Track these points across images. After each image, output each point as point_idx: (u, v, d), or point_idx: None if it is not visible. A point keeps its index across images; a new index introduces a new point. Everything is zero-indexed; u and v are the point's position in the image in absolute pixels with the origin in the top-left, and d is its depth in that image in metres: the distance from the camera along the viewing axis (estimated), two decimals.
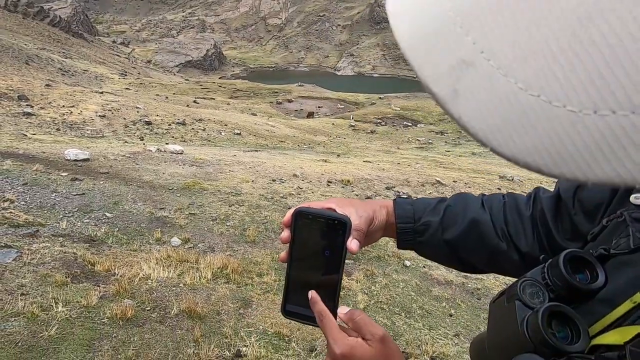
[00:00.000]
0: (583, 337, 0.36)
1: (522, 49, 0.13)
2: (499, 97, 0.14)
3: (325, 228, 0.51)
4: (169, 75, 53.46)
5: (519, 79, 0.14)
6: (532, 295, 0.40)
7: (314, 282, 0.52)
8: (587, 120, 0.12)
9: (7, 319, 2.46)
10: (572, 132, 0.13)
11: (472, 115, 0.15)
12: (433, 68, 0.16)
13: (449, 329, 3.45)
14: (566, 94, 0.13)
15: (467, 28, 0.15)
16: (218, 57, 73.27)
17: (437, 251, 0.65)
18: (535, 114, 0.13)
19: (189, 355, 2.48)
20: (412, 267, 4.45)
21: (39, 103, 14.16)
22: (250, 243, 4.49)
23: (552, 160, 0.13)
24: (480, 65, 0.14)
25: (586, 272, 0.40)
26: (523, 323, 0.38)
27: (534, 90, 0.13)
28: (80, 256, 3.46)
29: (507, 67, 0.14)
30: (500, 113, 0.14)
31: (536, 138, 0.13)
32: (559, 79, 0.13)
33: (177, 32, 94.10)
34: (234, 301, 3.24)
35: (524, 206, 0.63)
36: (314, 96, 34.50)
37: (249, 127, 16.56)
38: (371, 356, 0.47)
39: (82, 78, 29.07)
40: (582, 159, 0.13)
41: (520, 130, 0.14)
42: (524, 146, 0.14)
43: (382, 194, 7.36)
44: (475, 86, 0.15)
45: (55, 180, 5.34)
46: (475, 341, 0.52)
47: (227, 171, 7.33)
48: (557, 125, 0.13)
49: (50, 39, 42.00)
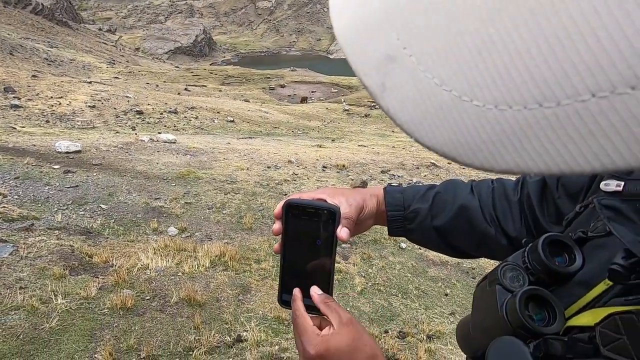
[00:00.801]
0: (559, 319, 0.37)
1: (436, 46, 0.14)
2: (420, 91, 0.15)
3: (315, 218, 0.52)
4: (159, 62, 52.41)
5: (435, 75, 0.15)
6: (512, 279, 0.41)
7: (308, 271, 0.53)
8: (489, 114, 0.14)
9: (7, 312, 2.48)
10: (478, 125, 0.14)
11: (398, 108, 0.16)
12: (364, 62, 0.17)
13: (444, 308, 3.54)
14: (472, 90, 0.14)
15: (393, 25, 0.16)
16: (208, 43, 71.78)
17: (427, 237, 0.66)
18: (449, 108, 0.14)
19: (190, 341, 2.53)
20: (408, 249, 4.51)
21: (26, 95, 13.86)
22: (247, 230, 4.51)
23: (464, 151, 0.14)
24: (403, 61, 0.15)
25: (565, 255, 0.41)
26: (502, 307, 0.39)
27: (447, 86, 0.14)
28: (77, 248, 3.47)
29: (425, 63, 0.15)
30: (421, 107, 0.15)
31: (450, 130, 0.15)
32: (466, 75, 0.14)
33: (165, 18, 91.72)
34: (233, 288, 3.28)
35: (511, 191, 0.63)
36: (307, 81, 34.09)
37: (242, 114, 16.39)
38: (344, 343, 0.48)
39: (69, 68, 28.42)
40: (488, 150, 0.14)
41: (438, 122, 0.15)
42: (442, 137, 0.15)
43: (378, 177, 7.39)
44: (400, 81, 0.16)
45: (47, 173, 5.29)
46: (460, 324, 0.53)
47: (222, 159, 7.30)
48: (466, 119, 0.14)
49: (34, 28, 40.79)
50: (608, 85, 0.11)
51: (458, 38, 0.14)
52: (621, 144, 0.12)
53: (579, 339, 0.34)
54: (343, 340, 0.48)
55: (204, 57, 67.56)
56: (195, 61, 62.07)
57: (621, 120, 0.12)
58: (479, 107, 0.14)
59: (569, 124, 0.12)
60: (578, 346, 0.34)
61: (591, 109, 0.12)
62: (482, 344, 0.45)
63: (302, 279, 0.53)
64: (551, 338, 0.35)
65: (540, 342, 0.36)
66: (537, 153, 0.13)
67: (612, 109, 0.12)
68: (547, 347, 0.35)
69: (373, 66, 0.16)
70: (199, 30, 71.01)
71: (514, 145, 0.13)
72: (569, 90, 0.12)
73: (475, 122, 0.14)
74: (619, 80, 0.11)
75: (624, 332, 0.30)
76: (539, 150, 0.13)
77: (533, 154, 0.13)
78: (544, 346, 0.36)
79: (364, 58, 0.16)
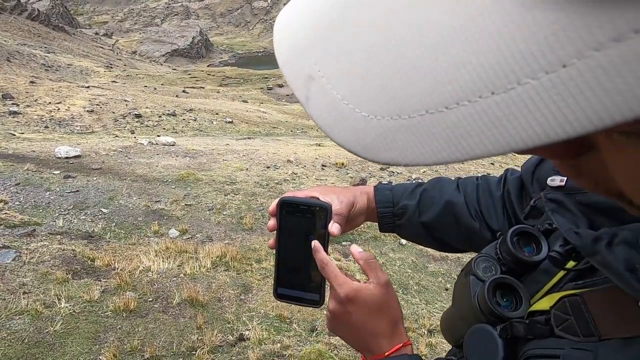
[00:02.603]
0: (524, 304, 0.40)
1: (339, 71, 0.20)
2: (330, 103, 0.20)
3: (308, 214, 0.55)
4: (156, 65, 52.38)
5: (339, 92, 0.20)
6: (485, 269, 0.44)
7: (302, 266, 0.55)
8: (372, 122, 0.19)
9: (11, 317, 2.51)
10: (367, 129, 0.19)
11: (318, 115, 0.21)
12: (295, 79, 0.22)
13: (445, 303, 3.57)
14: (361, 104, 0.19)
15: (312, 53, 0.21)
16: (205, 45, 71.69)
17: (415, 233, 0.69)
18: (348, 117, 0.19)
19: (194, 341, 2.56)
20: (408, 245, 4.53)
21: (24, 101, 13.89)
22: (248, 230, 4.54)
23: (361, 148, 0.19)
24: (318, 80, 0.20)
25: (533, 246, 0.43)
26: (475, 296, 0.42)
27: (346, 100, 0.19)
28: (80, 252, 3.50)
29: (332, 83, 0.20)
30: (332, 115, 0.20)
31: (351, 132, 0.19)
32: (357, 94, 0.19)
33: (161, 20, 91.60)
34: (235, 288, 3.31)
35: (495, 187, 0.66)
36: None
37: (240, 114, 16.41)
38: (374, 299, 0.50)
39: (66, 73, 28.43)
40: (374, 148, 0.19)
41: (343, 126, 0.20)
42: (346, 137, 0.20)
43: (377, 174, 7.41)
44: (317, 94, 0.21)
45: (47, 179, 5.32)
46: (443, 315, 0.56)
47: (221, 160, 7.32)
48: (359, 125, 0.19)
49: (30, 34, 40.78)
50: (452, 99, 0.16)
51: (351, 66, 0.19)
52: (454, 146, 0.16)
53: (537, 321, 0.37)
54: (374, 296, 0.50)
55: (201, 58, 67.51)
56: (192, 63, 62.02)
57: (449, 128, 0.16)
58: (365, 117, 0.19)
59: (420, 130, 0.17)
60: (537, 327, 0.36)
61: (425, 120, 0.17)
62: (462, 332, 0.47)
63: (296, 272, 0.56)
64: (515, 321, 0.38)
65: (507, 325, 0.39)
66: (401, 149, 0.18)
67: (442, 121, 0.16)
68: (512, 329, 0.38)
69: (300, 83, 0.21)
70: (195, 31, 70.94)
71: (388, 144, 0.18)
72: (415, 107, 0.17)
73: (365, 127, 0.19)
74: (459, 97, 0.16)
75: (571, 312, 0.33)
76: (403, 147, 0.18)
77: (400, 150, 0.18)
78: (509, 328, 0.38)
79: (294, 76, 0.21)
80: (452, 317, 0.52)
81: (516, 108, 0.14)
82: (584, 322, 0.32)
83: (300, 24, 0.22)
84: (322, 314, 3.06)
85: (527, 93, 0.14)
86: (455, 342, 0.53)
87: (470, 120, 0.15)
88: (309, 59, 0.21)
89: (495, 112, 0.15)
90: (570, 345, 0.33)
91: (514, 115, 0.14)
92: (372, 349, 0.51)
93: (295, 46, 0.22)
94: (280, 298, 0.57)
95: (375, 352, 0.50)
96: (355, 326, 0.51)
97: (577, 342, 0.32)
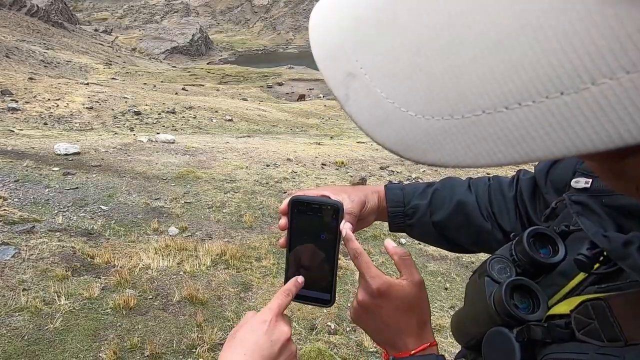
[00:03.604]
0: (542, 307, 0.39)
1: (383, 69, 0.19)
2: (373, 102, 0.19)
3: (319, 213, 0.54)
4: (155, 62, 52.23)
5: (383, 90, 0.19)
6: (500, 270, 0.44)
7: (313, 265, 0.55)
8: (419, 122, 0.18)
9: (11, 314, 2.50)
10: (412, 129, 0.18)
11: (357, 114, 0.20)
12: (334, 77, 0.21)
13: (444, 302, 3.57)
14: (407, 103, 0.18)
15: (354, 51, 0.20)
16: (205, 42, 71.52)
17: (426, 233, 0.68)
18: (392, 115, 0.19)
19: (193, 339, 2.55)
20: (408, 244, 4.54)
21: (23, 97, 13.84)
22: (248, 229, 4.53)
23: (403, 148, 0.19)
24: (360, 77, 0.20)
25: (549, 248, 0.43)
26: (490, 297, 0.42)
27: (391, 99, 0.19)
28: (79, 250, 3.49)
29: (376, 81, 0.19)
30: (374, 113, 0.19)
31: (394, 132, 0.19)
32: (403, 93, 0.19)
33: (161, 18, 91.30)
34: (234, 286, 3.31)
35: (507, 188, 0.66)
36: (304, 78, 34.02)
37: (240, 112, 16.38)
38: (406, 297, 0.49)
39: (65, 69, 28.33)
40: (420, 149, 0.18)
41: (385, 125, 0.19)
42: (388, 137, 0.19)
43: (377, 174, 7.41)
44: (358, 92, 0.20)
45: (47, 176, 5.30)
46: (455, 315, 0.55)
47: (221, 158, 7.31)
48: (404, 124, 0.19)
49: (29, 30, 40.59)
50: (497, 103, 0.16)
51: (397, 64, 0.19)
52: (504, 149, 0.16)
53: (557, 325, 0.36)
54: (406, 293, 0.49)
55: (201, 56, 67.34)
56: (192, 60, 61.86)
57: (495, 133, 0.16)
58: (412, 116, 0.18)
59: (474, 131, 0.17)
60: (556, 331, 0.36)
61: (480, 121, 0.16)
62: (474, 333, 0.47)
63: (306, 271, 0.55)
64: (533, 324, 0.38)
65: (524, 328, 0.38)
66: (451, 151, 0.17)
67: (491, 123, 0.16)
68: (529, 332, 0.38)
69: (339, 80, 0.21)
70: (195, 29, 70.74)
71: (436, 144, 0.18)
72: (469, 107, 0.17)
73: (411, 127, 0.18)
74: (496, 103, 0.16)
75: (594, 317, 0.33)
76: (454, 149, 0.17)
77: (449, 151, 0.18)
78: (526, 331, 0.38)
79: (333, 73, 0.21)
80: (463, 318, 0.52)
81: (588, 109, 0.14)
82: (608, 326, 0.32)
83: (339, 18, 0.21)
84: (321, 313, 3.06)
85: (603, 93, 0.13)
86: (466, 343, 0.52)
87: (534, 122, 0.15)
88: (350, 55, 0.20)
89: (563, 113, 0.14)
90: (594, 350, 0.32)
91: (585, 117, 0.14)
92: (398, 346, 0.50)
93: (333, 42, 0.21)
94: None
95: (400, 349, 0.50)
96: (384, 321, 0.50)
97: (602, 347, 0.32)
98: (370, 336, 0.54)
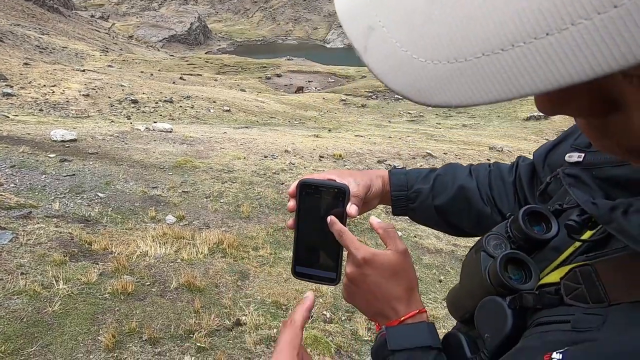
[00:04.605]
0: (534, 277, 0.42)
1: (399, 21, 0.21)
2: (389, 51, 0.21)
3: (326, 196, 0.57)
4: (153, 50, 51.60)
5: (398, 40, 0.21)
6: (495, 246, 0.46)
7: (320, 245, 0.58)
8: (428, 67, 0.20)
9: (9, 297, 2.52)
10: (424, 75, 0.20)
11: (375, 64, 0.22)
12: (354, 31, 0.23)
13: (438, 294, 3.63)
14: (418, 51, 0.20)
15: (373, 5, 0.22)
16: (203, 31, 70.67)
17: (428, 216, 0.71)
18: (406, 63, 0.21)
19: (191, 324, 2.59)
20: (403, 237, 4.59)
21: (18, 83, 13.66)
22: (245, 219, 4.56)
23: (415, 92, 0.21)
24: (379, 30, 0.22)
25: (543, 225, 0.46)
26: (485, 270, 0.44)
27: (405, 48, 0.21)
28: (76, 236, 3.50)
29: (392, 32, 0.21)
30: (389, 62, 0.21)
31: (407, 78, 0.21)
32: (415, 41, 0.20)
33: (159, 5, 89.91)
34: (232, 274, 3.34)
35: (506, 173, 0.69)
36: (303, 70, 33.81)
37: (238, 103, 16.29)
38: (390, 264, 0.51)
39: (61, 55, 27.93)
40: (428, 92, 0.20)
41: (399, 73, 0.21)
42: (402, 83, 0.21)
43: (374, 167, 7.44)
44: (376, 44, 0.22)
45: (43, 162, 5.28)
46: (450, 291, 0.58)
47: (218, 148, 7.30)
48: (415, 70, 0.20)
49: (24, 14, 39.87)
50: (496, 45, 0.18)
51: (412, 15, 0.20)
52: (501, 88, 0.18)
53: (547, 292, 0.39)
54: (391, 261, 0.51)
55: (199, 45, 66.59)
56: (190, 50, 61.17)
57: (495, 73, 0.18)
58: (422, 62, 0.20)
59: (474, 72, 0.19)
60: (546, 297, 0.39)
61: (480, 62, 0.18)
62: (469, 306, 0.50)
63: (313, 252, 0.58)
64: (526, 293, 0.41)
65: (516, 297, 0.41)
66: (454, 91, 0.19)
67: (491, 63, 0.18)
68: (522, 300, 0.41)
69: (359, 34, 0.23)
70: (193, 17, 69.82)
71: (442, 87, 0.20)
72: (472, 50, 0.18)
73: (421, 72, 0.20)
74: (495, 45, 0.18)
75: (582, 281, 0.36)
76: (457, 89, 0.19)
77: (453, 92, 0.19)
78: (519, 300, 0.41)
79: (354, 28, 0.23)
80: (459, 292, 0.55)
81: (568, 47, 0.16)
82: (594, 289, 0.34)
83: None
84: (317, 302, 3.10)
85: (580, 32, 0.16)
86: (461, 317, 0.55)
87: (524, 60, 0.17)
88: (370, 11, 0.22)
89: (548, 51, 0.17)
90: (580, 312, 0.35)
91: (565, 54, 0.16)
92: (388, 314, 0.52)
93: (355, 2, 0.23)
94: (299, 276, 0.59)
95: (390, 317, 0.52)
96: (371, 290, 0.52)
97: (587, 308, 0.34)
98: (362, 312, 0.57)
